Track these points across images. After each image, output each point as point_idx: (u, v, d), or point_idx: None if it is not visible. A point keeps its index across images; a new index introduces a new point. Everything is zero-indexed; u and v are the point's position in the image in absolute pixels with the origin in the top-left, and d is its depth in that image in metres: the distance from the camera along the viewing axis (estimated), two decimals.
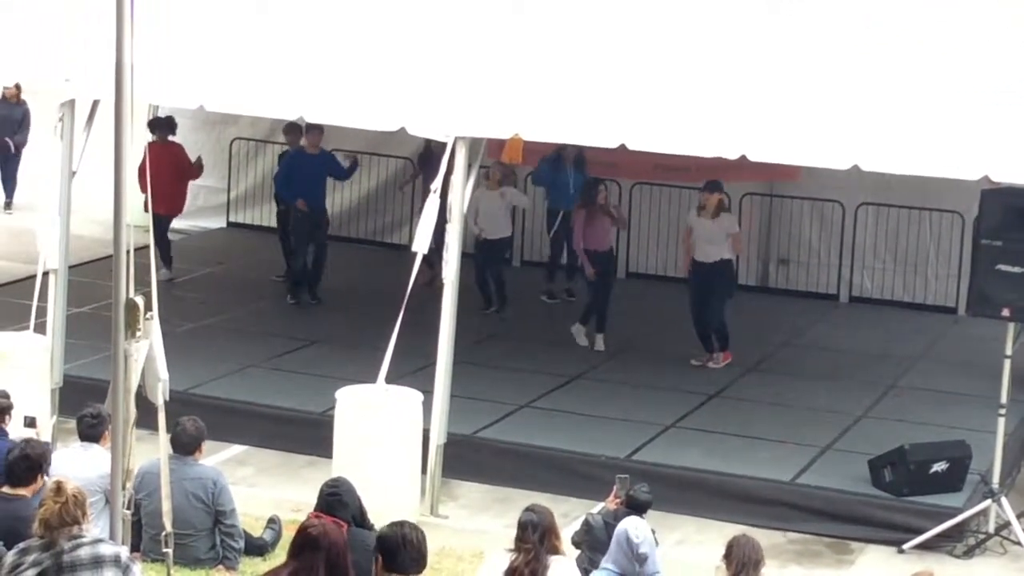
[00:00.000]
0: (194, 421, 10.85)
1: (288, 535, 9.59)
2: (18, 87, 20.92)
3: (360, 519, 9.78)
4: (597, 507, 11.27)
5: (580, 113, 12.66)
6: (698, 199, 16.15)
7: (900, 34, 12.74)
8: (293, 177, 17.63)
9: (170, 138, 18.32)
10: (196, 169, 18.53)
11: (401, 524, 7.61)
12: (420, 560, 7.50)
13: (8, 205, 22.03)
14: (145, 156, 11.71)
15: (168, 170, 17.52)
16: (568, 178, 17.70)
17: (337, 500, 9.59)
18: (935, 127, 11.92)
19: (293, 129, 17.70)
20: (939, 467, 12.58)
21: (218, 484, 10.82)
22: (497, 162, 16.20)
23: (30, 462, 9.51)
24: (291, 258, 17.99)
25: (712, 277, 15.76)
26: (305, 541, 7.30)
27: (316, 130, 17.30)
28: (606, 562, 8.91)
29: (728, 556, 8.84)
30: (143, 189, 18.02)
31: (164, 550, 9.07)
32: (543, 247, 19.07)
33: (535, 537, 8.94)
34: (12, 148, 21.86)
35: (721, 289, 15.83)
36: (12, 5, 14.42)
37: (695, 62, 12.81)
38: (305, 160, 17.61)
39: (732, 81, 12.59)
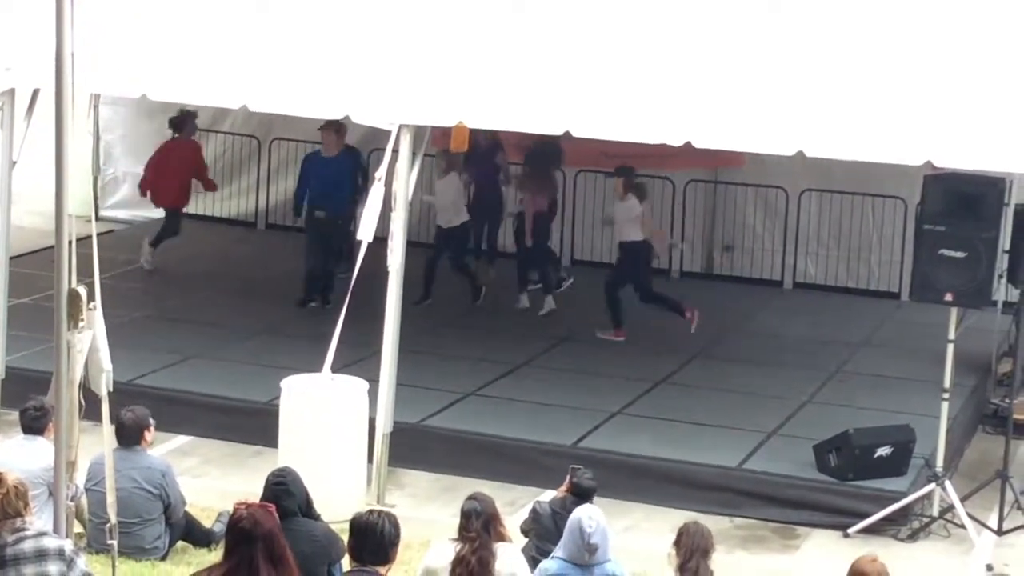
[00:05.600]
0: (131, 411, 10.85)
1: None
2: None
3: (306, 509, 9.74)
4: (544, 495, 11.26)
5: (524, 100, 12.64)
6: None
7: (843, 21, 12.78)
8: (310, 182, 16.79)
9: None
10: (209, 183, 18.68)
11: (370, 512, 7.62)
12: (378, 551, 7.48)
13: None
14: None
15: (176, 165, 17.96)
16: None
17: (283, 490, 9.55)
18: (878, 113, 11.98)
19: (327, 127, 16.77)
20: (883, 451, 12.65)
21: (167, 475, 10.91)
22: (444, 150, 16.14)
23: None
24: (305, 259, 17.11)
25: (621, 256, 16.38)
26: (239, 536, 7.22)
27: (330, 130, 16.42)
28: (557, 551, 8.90)
29: (678, 543, 8.86)
30: (146, 187, 18.19)
31: (109, 541, 9.02)
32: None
33: (478, 525, 8.92)
34: None
35: (622, 268, 16.37)
36: None
37: (639, 49, 12.81)
38: (322, 163, 16.72)
39: (677, 68, 12.60)
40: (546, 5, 13.38)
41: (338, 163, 16.67)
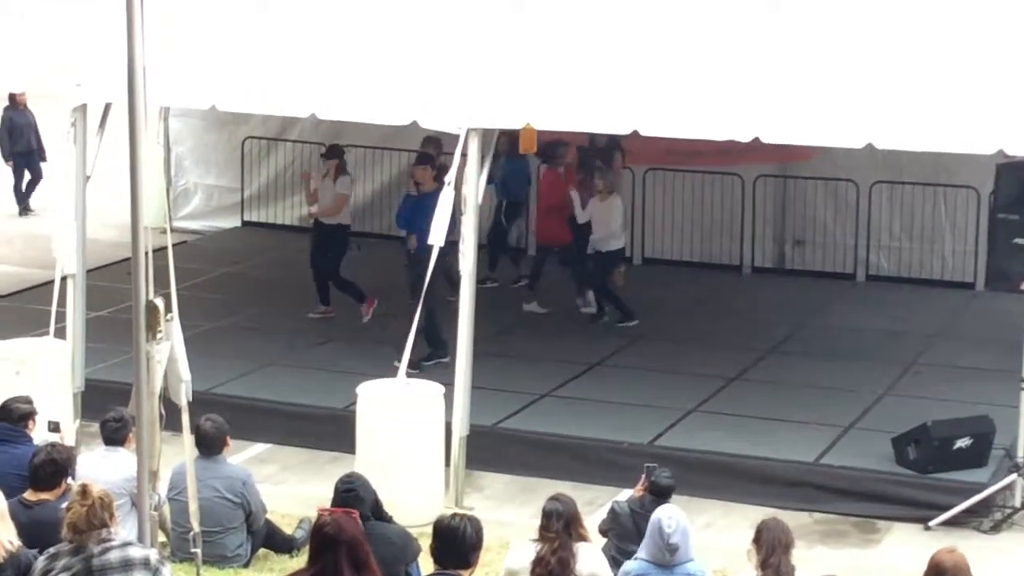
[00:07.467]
0: (212, 420, 10.93)
1: None
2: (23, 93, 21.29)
3: (377, 512, 9.79)
4: (622, 494, 11.26)
5: (592, 101, 12.64)
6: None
7: (909, 10, 12.70)
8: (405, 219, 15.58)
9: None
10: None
11: (453, 515, 7.63)
12: (460, 555, 7.49)
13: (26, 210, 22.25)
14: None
15: (544, 197, 17.19)
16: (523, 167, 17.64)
17: (353, 495, 9.60)
18: (948, 102, 11.88)
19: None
20: (963, 443, 12.55)
21: (247, 484, 10.98)
22: (601, 168, 16.17)
23: (56, 466, 9.55)
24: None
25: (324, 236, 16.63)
26: (323, 542, 7.27)
27: (424, 166, 15.40)
28: (640, 552, 8.89)
29: (758, 540, 8.83)
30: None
31: (192, 550, 9.10)
32: None
33: (559, 526, 8.93)
34: (43, 154, 22.21)
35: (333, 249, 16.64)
36: (21, 10, 14.44)
37: (705, 46, 12.78)
38: (416, 200, 15.27)
39: (743, 64, 12.56)
40: (610, 5, 13.37)
41: (433, 197, 14.32)
